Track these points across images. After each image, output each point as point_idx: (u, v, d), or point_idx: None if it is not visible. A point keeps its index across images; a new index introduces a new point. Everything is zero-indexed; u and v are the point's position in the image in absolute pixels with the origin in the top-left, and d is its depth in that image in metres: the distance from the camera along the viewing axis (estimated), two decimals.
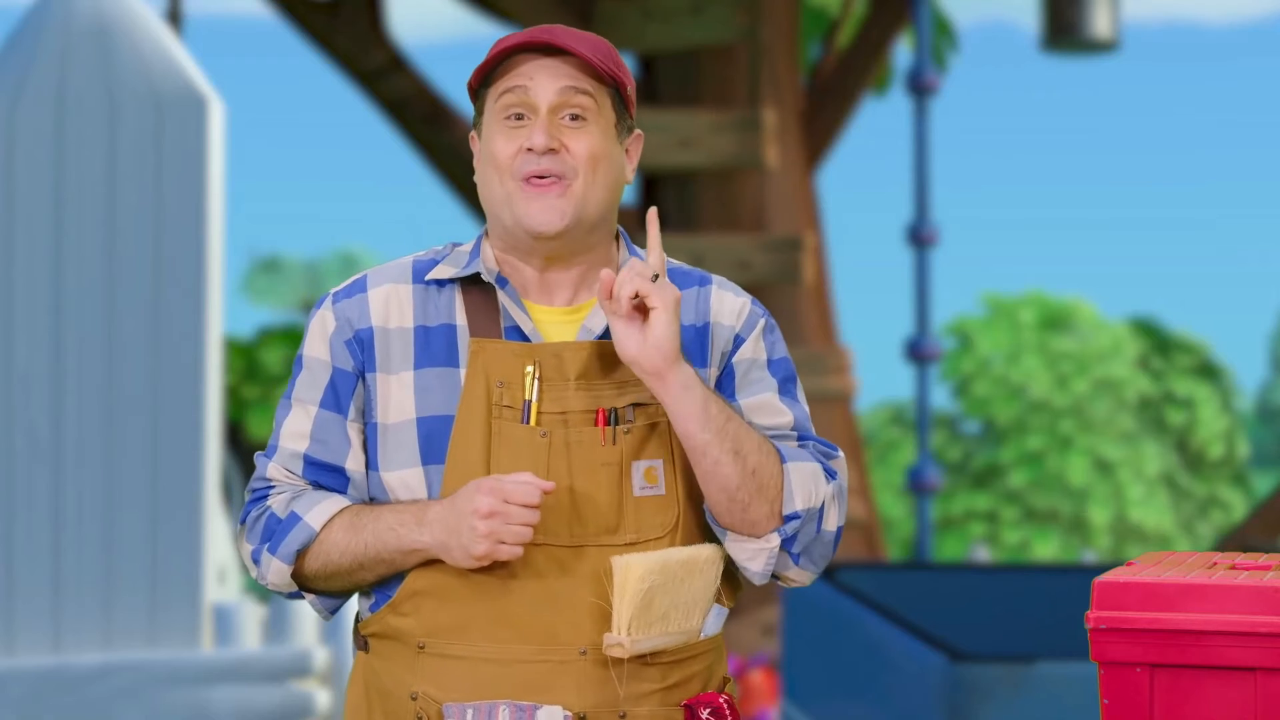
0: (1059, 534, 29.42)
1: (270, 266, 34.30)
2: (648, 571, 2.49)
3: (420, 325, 2.61)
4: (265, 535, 2.62)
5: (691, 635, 2.59)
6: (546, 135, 2.57)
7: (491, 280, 2.61)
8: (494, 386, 2.56)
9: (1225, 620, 2.36)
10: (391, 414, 2.59)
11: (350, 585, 2.63)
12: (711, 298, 2.67)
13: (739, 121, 10.83)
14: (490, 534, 2.48)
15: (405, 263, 2.67)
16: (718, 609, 2.62)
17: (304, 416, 2.63)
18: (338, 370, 2.62)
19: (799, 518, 2.57)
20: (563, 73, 2.60)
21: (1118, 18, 12.85)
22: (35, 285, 6.50)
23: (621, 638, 2.50)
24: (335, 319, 2.63)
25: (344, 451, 2.62)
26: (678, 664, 2.59)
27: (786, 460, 2.57)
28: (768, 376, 2.67)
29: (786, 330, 11.59)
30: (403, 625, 2.58)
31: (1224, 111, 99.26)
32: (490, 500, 2.48)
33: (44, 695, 6.34)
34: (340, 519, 2.58)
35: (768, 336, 2.69)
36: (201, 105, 6.60)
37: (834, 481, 2.61)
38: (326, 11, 12.64)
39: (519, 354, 2.57)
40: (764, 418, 2.64)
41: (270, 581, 2.63)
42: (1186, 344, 31.42)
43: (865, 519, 11.87)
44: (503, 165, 2.59)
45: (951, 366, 30.18)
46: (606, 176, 2.62)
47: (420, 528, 2.53)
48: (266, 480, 2.66)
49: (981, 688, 5.23)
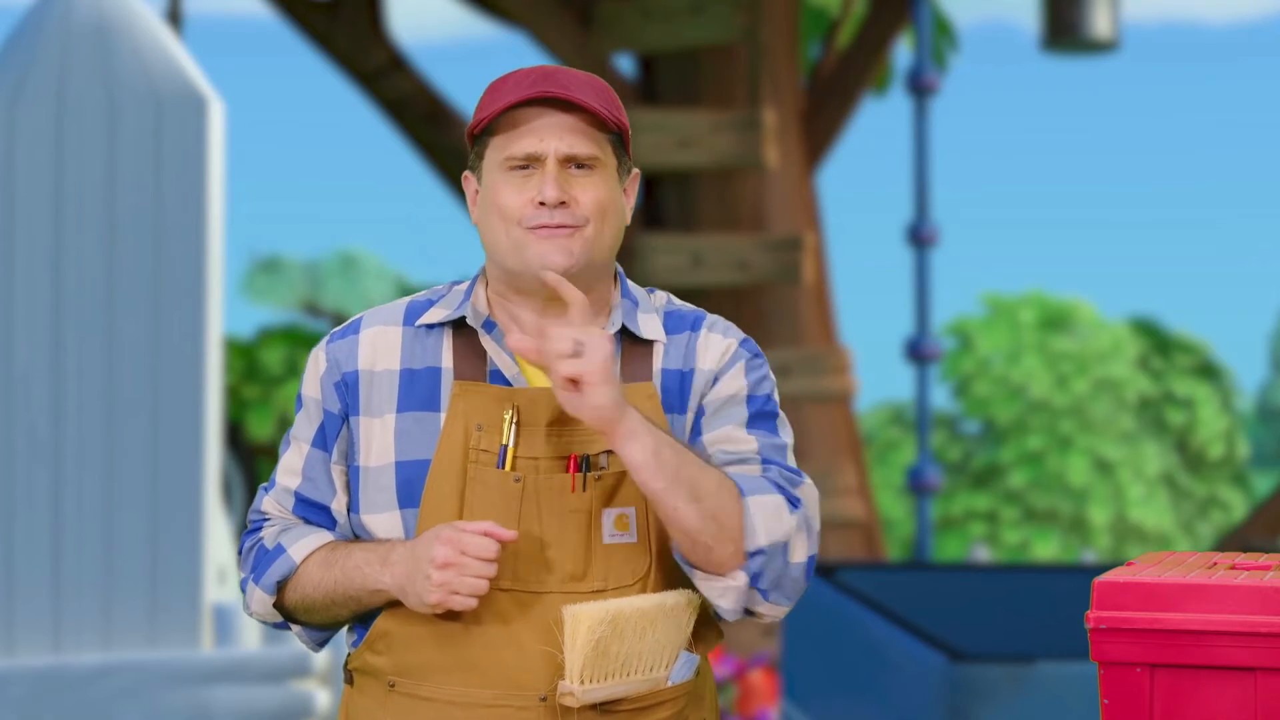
0: (1059, 534, 29.42)
1: (270, 266, 34.28)
2: (597, 622, 2.50)
3: (406, 368, 2.63)
4: (252, 565, 2.68)
5: (657, 683, 2.58)
6: (558, 189, 2.58)
7: (477, 325, 2.62)
8: (473, 430, 2.57)
9: (1225, 620, 2.36)
10: (373, 457, 2.62)
11: (328, 620, 2.67)
12: (698, 343, 2.67)
13: (739, 121, 10.83)
14: (444, 584, 2.49)
15: (401, 304, 2.70)
16: (686, 656, 2.60)
17: (297, 454, 2.68)
18: (327, 412, 2.66)
19: (764, 553, 2.54)
20: (570, 126, 2.60)
21: (1118, 18, 12.85)
22: (35, 285, 6.50)
23: (573, 686, 2.51)
24: (326, 360, 2.67)
25: (330, 493, 2.67)
26: (641, 711, 2.58)
27: (746, 495, 2.55)
28: (740, 410, 2.65)
29: (786, 330, 11.65)
30: (376, 663, 2.62)
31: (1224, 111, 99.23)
32: (446, 551, 2.49)
33: (44, 695, 6.34)
34: (318, 553, 2.63)
35: (750, 374, 2.67)
36: (201, 105, 6.60)
37: (798, 512, 2.58)
38: (326, 11, 12.64)
39: (499, 398, 2.58)
40: (727, 446, 2.63)
41: (254, 611, 2.68)
42: (1186, 344, 31.42)
43: (865, 519, 11.87)
44: (510, 215, 2.60)
45: (951, 366, 30.18)
46: (613, 223, 2.64)
47: (383, 568, 2.56)
48: (262, 513, 2.72)
49: (981, 688, 5.22)
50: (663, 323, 2.68)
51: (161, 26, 6.79)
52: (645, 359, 2.65)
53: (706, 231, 11.46)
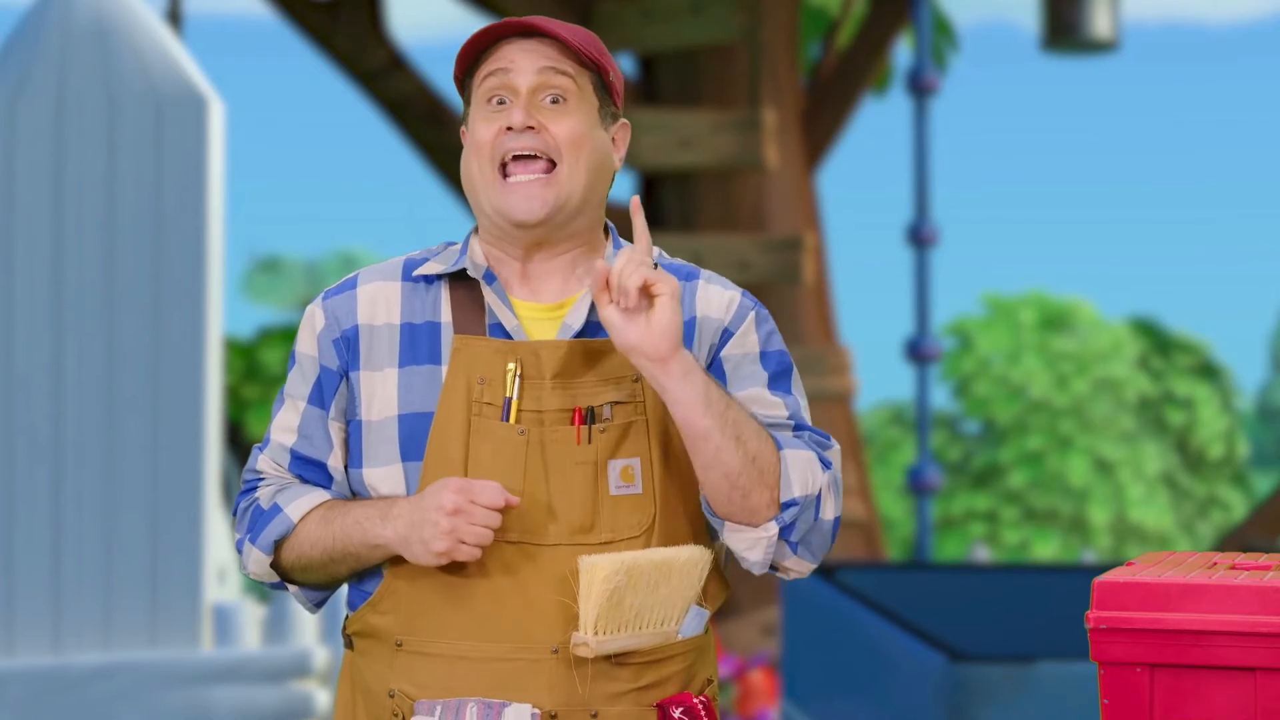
0: (1059, 534, 29.42)
1: (270, 266, 34.28)
2: (613, 572, 2.49)
3: (406, 322, 2.62)
4: (249, 525, 2.66)
5: (668, 636, 2.59)
6: (525, 113, 2.57)
7: (478, 276, 2.61)
8: (475, 384, 2.56)
9: (1225, 620, 2.36)
10: (375, 411, 2.60)
11: (326, 578, 2.65)
12: (699, 291, 2.66)
13: (739, 121, 10.83)
14: (452, 530, 2.48)
15: (397, 261, 2.68)
16: (697, 610, 2.61)
17: (293, 411, 2.66)
18: (324, 368, 2.64)
19: (797, 504, 2.55)
20: (542, 54, 2.60)
21: (1118, 18, 12.86)
22: (35, 285, 6.50)
23: (587, 637, 2.50)
24: (324, 316, 2.65)
25: (326, 449, 2.64)
26: (653, 664, 2.58)
27: (783, 448, 2.56)
28: (759, 370, 2.65)
29: (786, 330, 11.61)
30: (381, 623, 2.60)
31: (1224, 111, 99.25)
32: (456, 498, 2.48)
33: (44, 695, 6.34)
34: (316, 512, 2.61)
35: (760, 329, 2.67)
36: (201, 105, 6.60)
37: (829, 471, 2.59)
38: (326, 11, 12.64)
39: (500, 351, 2.57)
40: (757, 409, 2.62)
41: (251, 571, 2.66)
42: (1186, 344, 31.41)
43: (865, 519, 11.86)
44: (483, 149, 2.60)
45: (951, 366, 30.17)
46: (590, 159, 2.61)
47: (384, 522, 2.54)
48: (257, 473, 2.69)
49: (981, 688, 5.22)
50: None
51: (161, 26, 6.79)
52: None
53: (706, 231, 11.46)
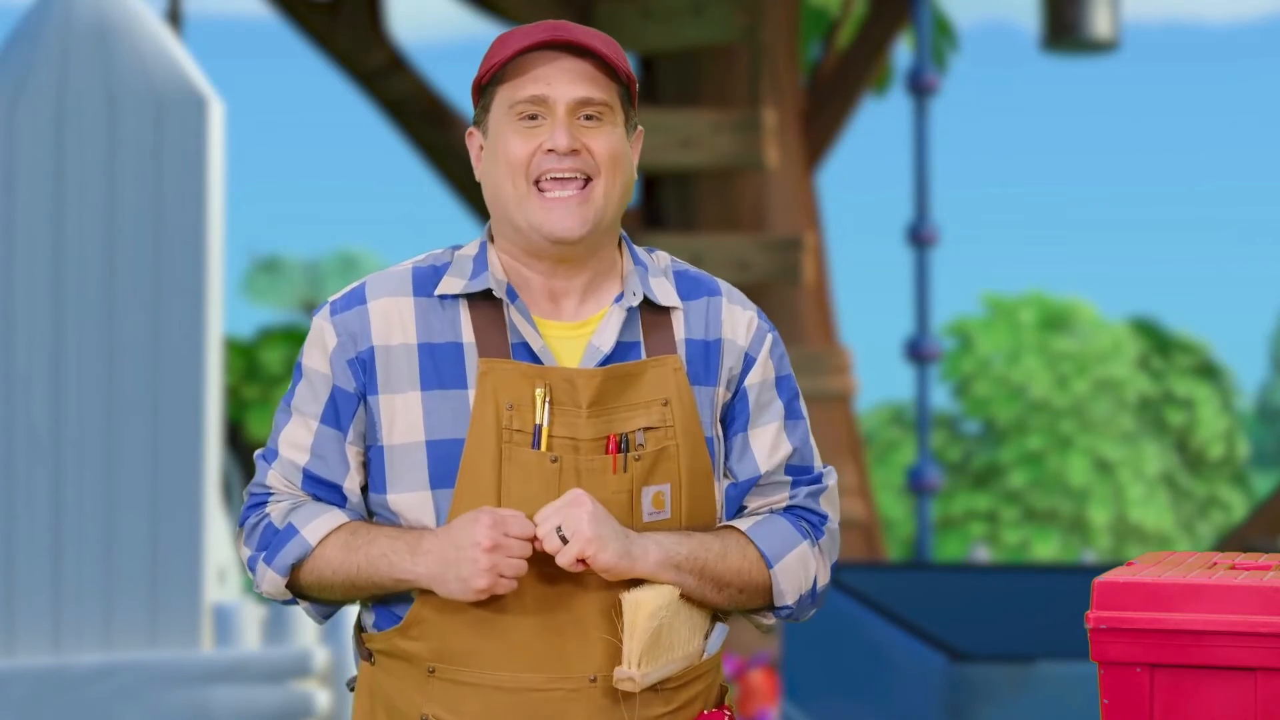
0: (1059, 534, 29.41)
1: (270, 266, 34.26)
2: (658, 609, 2.50)
3: (425, 342, 2.55)
4: (262, 544, 2.60)
5: (696, 657, 2.60)
6: (569, 136, 2.53)
7: (501, 294, 2.56)
8: (503, 409, 2.51)
9: (1225, 620, 2.35)
10: (397, 435, 2.54)
11: (344, 599, 2.62)
12: (724, 312, 2.64)
13: (739, 121, 10.83)
14: (493, 567, 2.46)
15: (405, 271, 2.60)
16: (720, 627, 2.64)
17: (304, 429, 2.59)
18: (339, 389, 2.57)
19: (789, 608, 2.64)
20: (581, 73, 2.55)
21: (1118, 18, 12.86)
22: (35, 285, 6.50)
23: (632, 671, 2.50)
24: (337, 334, 2.57)
25: (342, 471, 2.59)
26: (684, 686, 2.60)
27: (772, 566, 2.60)
28: (777, 400, 2.66)
29: (786, 330, 11.62)
30: (411, 649, 2.56)
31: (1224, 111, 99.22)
32: (493, 533, 2.45)
33: (44, 695, 6.33)
34: (336, 536, 2.56)
35: (774, 352, 2.67)
36: (201, 105, 6.60)
37: (820, 541, 2.66)
38: (326, 11, 12.64)
39: (528, 375, 2.52)
40: (763, 456, 2.65)
41: (265, 590, 2.62)
42: (1186, 344, 31.40)
43: (865, 519, 11.87)
44: (517, 166, 2.54)
45: (951, 366, 30.17)
46: (624, 177, 2.60)
47: (414, 558, 2.50)
48: (266, 487, 2.63)
49: (981, 688, 5.22)
50: (674, 286, 2.64)
51: (161, 26, 6.79)
52: (666, 328, 2.61)
53: (706, 231, 11.46)
